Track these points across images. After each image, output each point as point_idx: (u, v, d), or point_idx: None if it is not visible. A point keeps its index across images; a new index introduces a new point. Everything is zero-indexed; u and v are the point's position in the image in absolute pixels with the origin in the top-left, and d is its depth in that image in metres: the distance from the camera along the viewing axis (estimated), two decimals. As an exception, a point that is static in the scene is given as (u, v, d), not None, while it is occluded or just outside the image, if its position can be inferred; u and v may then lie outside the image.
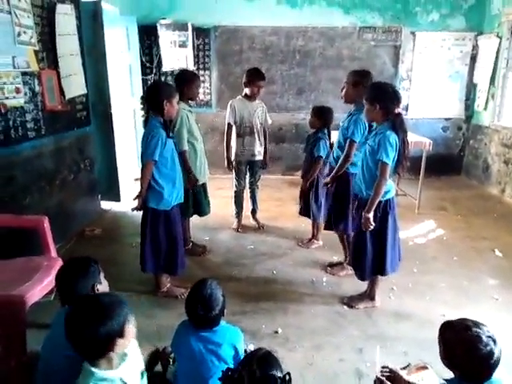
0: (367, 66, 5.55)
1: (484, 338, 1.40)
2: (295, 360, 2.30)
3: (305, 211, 3.71)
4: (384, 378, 1.74)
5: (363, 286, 2.88)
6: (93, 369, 1.35)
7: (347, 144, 2.96)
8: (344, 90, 3.05)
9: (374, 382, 1.75)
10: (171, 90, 2.70)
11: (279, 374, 1.40)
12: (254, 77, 3.72)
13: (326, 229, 3.47)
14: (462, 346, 1.43)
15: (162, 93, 2.63)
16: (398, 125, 2.44)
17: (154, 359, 2.01)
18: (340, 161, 3.02)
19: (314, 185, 3.54)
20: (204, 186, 3.51)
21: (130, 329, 1.40)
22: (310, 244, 3.80)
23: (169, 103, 2.62)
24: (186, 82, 3.23)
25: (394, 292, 3.03)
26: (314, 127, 3.54)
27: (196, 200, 3.43)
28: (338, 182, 3.11)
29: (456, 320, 1.52)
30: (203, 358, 1.74)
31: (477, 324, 1.46)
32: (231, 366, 1.73)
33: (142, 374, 1.56)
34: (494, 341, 1.41)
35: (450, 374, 1.53)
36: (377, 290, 2.82)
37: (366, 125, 2.88)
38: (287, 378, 1.40)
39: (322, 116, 3.45)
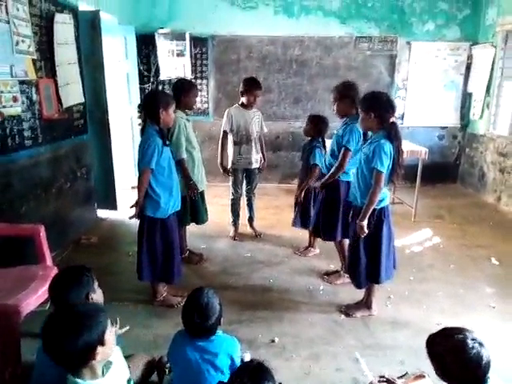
0: (363, 76, 5.67)
1: (469, 342, 1.41)
2: (292, 370, 2.29)
3: (300, 222, 3.65)
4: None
5: (360, 294, 2.88)
6: (77, 380, 1.32)
7: (342, 152, 2.98)
8: (334, 107, 3.07)
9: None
10: (168, 99, 2.72)
11: None
12: (251, 86, 3.75)
13: (315, 236, 3.45)
14: (450, 353, 1.44)
15: (158, 101, 2.64)
16: (392, 133, 2.47)
17: (150, 369, 2.00)
18: (333, 169, 3.04)
19: (312, 193, 3.54)
20: (202, 193, 3.51)
21: (110, 336, 1.37)
22: (307, 252, 3.80)
23: (165, 112, 2.64)
24: (183, 90, 3.25)
25: (390, 300, 3.03)
26: (308, 135, 3.56)
27: (194, 208, 3.43)
28: (327, 190, 3.12)
29: (439, 331, 1.54)
30: (199, 368, 1.74)
31: (460, 330, 1.48)
32: (227, 375, 1.72)
33: (129, 382, 1.55)
34: (480, 343, 1.43)
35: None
36: (373, 298, 2.82)
37: (361, 134, 2.90)
38: None
39: (318, 124, 3.47)
